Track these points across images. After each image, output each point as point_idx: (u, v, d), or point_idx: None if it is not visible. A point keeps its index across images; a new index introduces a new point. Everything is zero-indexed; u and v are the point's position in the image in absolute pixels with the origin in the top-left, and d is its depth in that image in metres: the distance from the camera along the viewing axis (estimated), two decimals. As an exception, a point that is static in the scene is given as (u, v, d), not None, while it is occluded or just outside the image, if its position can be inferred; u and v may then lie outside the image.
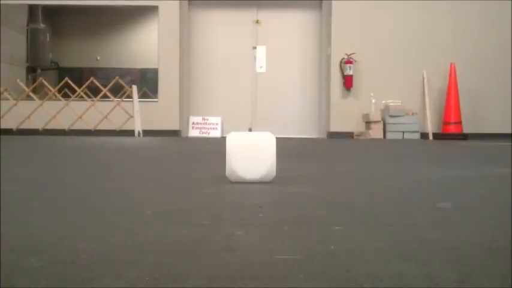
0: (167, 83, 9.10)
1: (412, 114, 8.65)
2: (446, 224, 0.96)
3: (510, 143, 5.65)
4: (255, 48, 9.58)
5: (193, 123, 9.30)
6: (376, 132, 8.45)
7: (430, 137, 8.70)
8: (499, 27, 8.94)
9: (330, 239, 0.82)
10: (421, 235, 0.86)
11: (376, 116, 8.58)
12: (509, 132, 8.66)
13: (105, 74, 9.30)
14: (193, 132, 9.22)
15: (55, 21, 9.94)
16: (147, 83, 9.34)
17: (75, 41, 10.02)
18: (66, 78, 8.39)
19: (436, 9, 8.97)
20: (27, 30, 10.12)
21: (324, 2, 9.37)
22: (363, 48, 8.93)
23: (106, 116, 8.25)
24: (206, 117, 9.31)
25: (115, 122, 8.08)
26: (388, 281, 0.60)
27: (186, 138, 8.62)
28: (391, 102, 8.70)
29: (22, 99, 8.36)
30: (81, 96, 8.58)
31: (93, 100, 8.59)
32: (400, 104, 8.67)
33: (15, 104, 8.19)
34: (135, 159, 1.93)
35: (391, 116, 8.55)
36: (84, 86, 8.63)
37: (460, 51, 8.89)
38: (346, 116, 8.96)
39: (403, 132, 8.53)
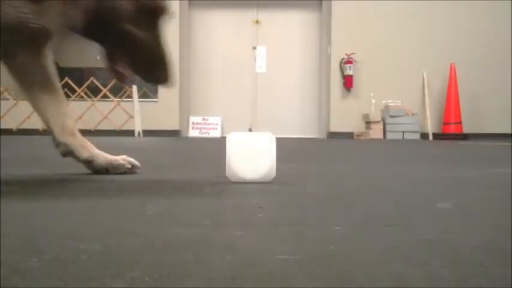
0: (167, 83, 9.08)
1: (412, 114, 8.66)
2: (446, 224, 0.96)
3: (510, 143, 5.66)
4: (255, 48, 9.58)
5: (193, 123, 9.30)
6: (376, 132, 8.45)
7: (430, 137, 8.70)
8: (499, 27, 8.94)
9: (330, 239, 0.82)
10: (421, 235, 0.86)
11: (376, 116, 8.59)
12: (509, 132, 8.67)
13: (105, 74, 9.29)
14: (193, 132, 9.23)
15: (55, 21, 9.92)
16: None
17: (75, 41, 10.01)
18: (66, 78, 8.40)
19: (436, 9, 8.97)
20: (27, 30, 10.09)
21: (324, 2, 9.37)
22: (363, 48, 8.93)
23: (106, 116, 8.25)
24: (206, 117, 9.32)
25: (115, 122, 8.08)
26: (388, 281, 0.60)
27: (186, 138, 8.62)
28: (391, 102, 8.71)
29: (22, 99, 8.36)
30: (81, 96, 8.58)
31: (93, 100, 8.59)
32: (400, 104, 8.68)
33: (15, 104, 8.19)
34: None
35: (391, 116, 8.56)
36: (84, 86, 8.63)
37: (460, 51, 8.90)
38: (346, 116, 8.97)
39: (403, 132, 8.54)
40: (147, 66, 1.62)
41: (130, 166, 1.86)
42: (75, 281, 0.59)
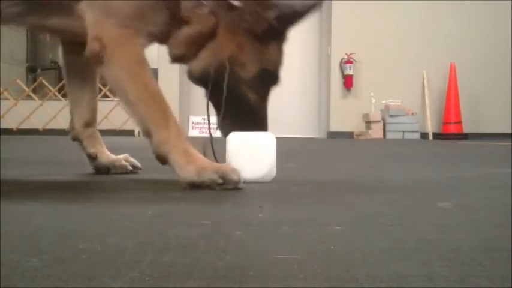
0: (167, 83, 9.08)
1: (412, 114, 8.65)
2: (446, 224, 0.96)
3: (510, 143, 5.66)
4: (255, 48, 9.53)
5: (193, 122, 9.29)
6: (376, 132, 8.44)
7: (430, 137, 8.70)
8: (499, 27, 8.93)
9: (330, 239, 0.82)
10: (421, 235, 0.86)
11: (376, 116, 8.58)
12: (509, 132, 8.66)
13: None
14: (193, 132, 9.21)
15: (55, 21, 9.91)
16: (147, 83, 9.30)
17: (75, 41, 10.00)
18: (67, 78, 8.36)
19: (436, 9, 8.96)
20: (27, 30, 10.10)
21: (324, 2, 9.33)
22: (363, 48, 8.92)
23: (106, 116, 8.25)
24: (206, 117, 9.29)
25: (115, 122, 8.07)
26: (388, 281, 0.60)
27: (186, 138, 8.60)
28: (391, 102, 8.70)
29: (22, 99, 8.35)
30: (81, 96, 8.54)
31: (93, 100, 8.55)
32: (400, 103, 8.67)
33: (15, 104, 8.19)
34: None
35: (391, 116, 8.55)
36: (84, 86, 8.58)
37: (460, 51, 8.89)
38: (346, 116, 8.96)
39: (403, 132, 8.53)
40: (249, 129, 1.61)
41: (131, 167, 1.88)
42: (75, 281, 0.59)
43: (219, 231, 0.87)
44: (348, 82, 8.93)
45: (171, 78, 9.04)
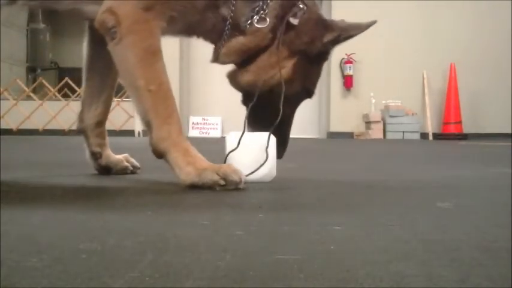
0: (167, 83, 9.06)
1: (412, 114, 8.65)
2: (446, 224, 0.96)
3: (510, 143, 5.66)
4: (255, 48, 9.53)
5: (193, 123, 9.29)
6: (376, 132, 8.44)
7: (430, 137, 8.70)
8: (499, 27, 8.93)
9: (330, 239, 0.82)
10: (421, 235, 0.86)
11: (376, 116, 8.58)
12: (509, 132, 8.65)
13: (105, 74, 9.25)
14: (193, 132, 9.21)
15: (55, 21, 9.94)
16: (147, 83, 9.29)
17: (75, 41, 10.01)
18: (66, 78, 8.37)
19: (436, 9, 8.96)
20: (27, 30, 10.10)
21: (324, 2, 9.35)
22: (363, 48, 8.90)
23: (106, 116, 8.23)
24: (206, 117, 9.30)
25: (115, 122, 8.07)
26: (388, 281, 0.60)
27: (186, 138, 8.59)
28: (391, 102, 8.69)
29: (22, 99, 8.35)
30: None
31: (93, 100, 8.55)
32: (400, 104, 8.67)
33: (15, 104, 8.18)
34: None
35: (391, 116, 8.55)
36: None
37: (460, 51, 8.89)
38: (346, 116, 8.96)
39: (403, 132, 8.53)
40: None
41: (132, 168, 1.88)
42: (75, 281, 0.59)
43: (219, 231, 0.87)
44: (348, 82, 8.93)
45: (171, 78, 9.00)
